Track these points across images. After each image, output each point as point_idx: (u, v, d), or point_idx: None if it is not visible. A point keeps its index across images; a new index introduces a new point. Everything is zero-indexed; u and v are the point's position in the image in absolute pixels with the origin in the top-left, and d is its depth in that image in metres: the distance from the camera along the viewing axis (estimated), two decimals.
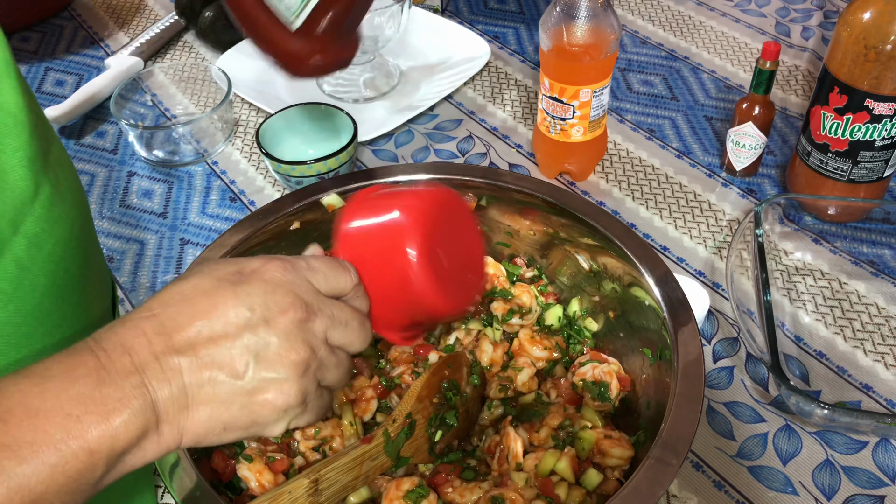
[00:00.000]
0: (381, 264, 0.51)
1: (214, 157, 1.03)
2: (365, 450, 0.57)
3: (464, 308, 0.54)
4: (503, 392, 0.65)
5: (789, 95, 1.09)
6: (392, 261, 0.50)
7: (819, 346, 0.78)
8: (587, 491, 0.58)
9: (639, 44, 1.20)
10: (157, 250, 0.91)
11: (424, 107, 1.05)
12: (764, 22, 1.23)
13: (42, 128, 0.57)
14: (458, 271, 0.54)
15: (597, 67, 0.85)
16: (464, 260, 0.55)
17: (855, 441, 0.70)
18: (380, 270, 0.51)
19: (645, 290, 0.63)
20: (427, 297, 0.50)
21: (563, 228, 0.71)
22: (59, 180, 0.58)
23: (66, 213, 0.57)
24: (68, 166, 0.61)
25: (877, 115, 0.79)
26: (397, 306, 0.52)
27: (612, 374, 0.65)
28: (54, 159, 0.58)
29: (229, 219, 0.94)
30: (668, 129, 1.04)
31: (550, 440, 0.61)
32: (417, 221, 0.50)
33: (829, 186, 0.87)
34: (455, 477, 0.59)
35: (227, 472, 0.58)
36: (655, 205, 0.93)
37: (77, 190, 0.61)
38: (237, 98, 1.10)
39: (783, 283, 0.84)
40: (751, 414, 0.72)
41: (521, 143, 1.03)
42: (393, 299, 0.52)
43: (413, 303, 0.51)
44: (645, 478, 0.50)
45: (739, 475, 0.68)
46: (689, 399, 0.55)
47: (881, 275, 0.84)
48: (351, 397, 0.63)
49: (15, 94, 0.53)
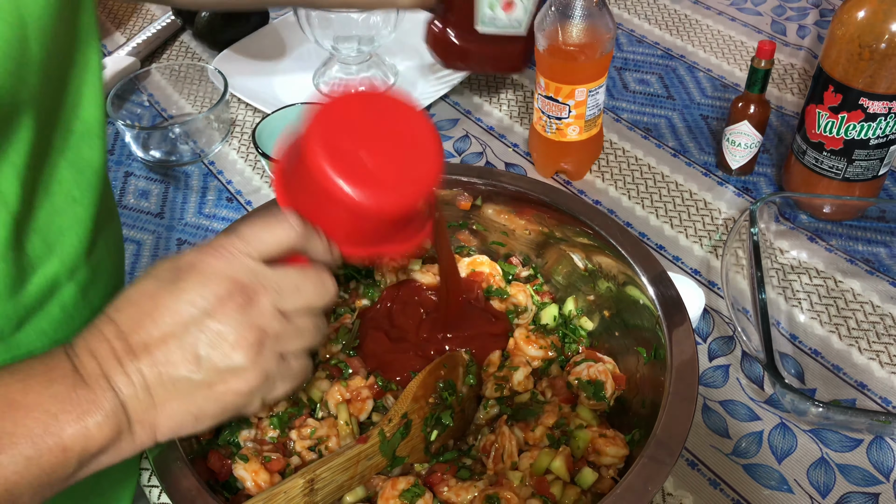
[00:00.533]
0: (311, 193, 0.49)
1: (211, 157, 1.03)
2: (361, 449, 0.57)
3: (417, 196, 0.51)
4: (499, 391, 0.65)
5: (785, 94, 1.09)
6: (315, 183, 0.47)
7: (814, 345, 0.78)
8: (582, 489, 0.58)
9: (635, 42, 1.20)
10: (154, 250, 0.91)
11: (421, 106, 1.05)
12: (760, 20, 1.23)
13: (108, 185, 0.61)
14: (397, 161, 0.50)
15: (592, 66, 0.86)
16: (404, 147, 0.51)
17: (850, 439, 0.70)
18: (314, 199, 0.49)
19: (640, 290, 0.64)
20: (356, 200, 0.47)
21: (559, 228, 0.71)
22: (110, 235, 0.63)
23: (111, 265, 0.62)
24: (118, 221, 0.66)
25: (871, 114, 0.79)
26: (351, 226, 0.51)
27: (608, 373, 0.65)
28: (112, 218, 0.63)
29: (226, 219, 0.94)
30: (663, 127, 1.04)
31: (545, 439, 0.61)
32: (316, 131, 0.48)
33: (825, 185, 0.87)
34: (450, 476, 0.59)
35: (223, 471, 0.58)
36: (651, 204, 0.94)
37: (120, 245, 0.66)
38: (233, 98, 1.10)
39: (778, 282, 0.84)
40: (746, 412, 0.73)
41: (517, 143, 1.03)
42: (341, 220, 0.50)
43: (354, 213, 0.48)
44: (639, 476, 0.51)
45: (734, 473, 0.68)
46: (684, 398, 0.55)
47: (876, 273, 0.84)
48: (346, 397, 0.63)
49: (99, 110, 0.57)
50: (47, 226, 0.54)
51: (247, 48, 1.15)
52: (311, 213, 0.50)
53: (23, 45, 0.47)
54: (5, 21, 0.46)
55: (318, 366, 0.67)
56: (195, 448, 0.58)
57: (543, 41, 0.85)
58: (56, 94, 0.54)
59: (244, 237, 0.48)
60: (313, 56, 1.15)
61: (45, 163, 0.54)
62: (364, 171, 0.48)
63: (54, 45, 0.50)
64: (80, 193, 0.57)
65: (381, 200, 0.48)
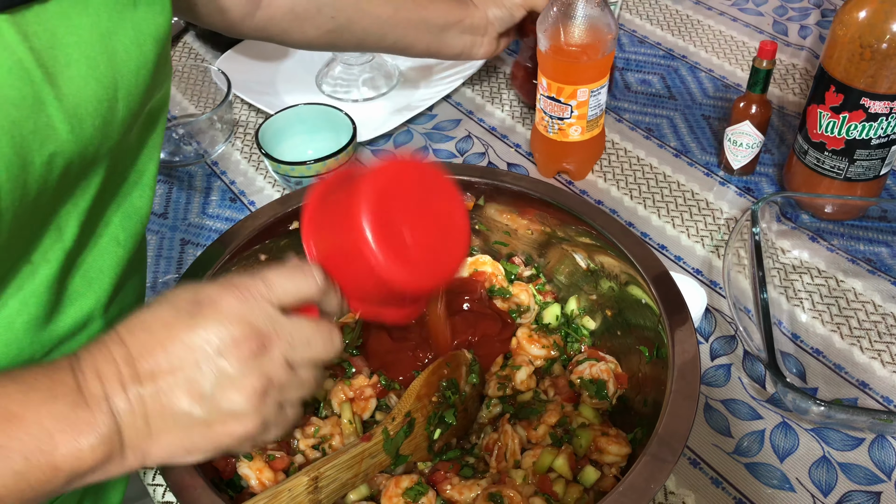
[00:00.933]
0: (343, 250, 0.50)
1: (214, 157, 1.03)
2: (364, 448, 0.57)
3: (441, 281, 0.52)
4: (501, 390, 0.66)
5: (786, 94, 1.09)
6: (352, 244, 0.48)
7: (816, 344, 0.78)
8: (584, 488, 0.59)
9: (636, 43, 1.20)
10: (158, 251, 0.92)
11: (423, 107, 1.06)
12: (761, 21, 1.23)
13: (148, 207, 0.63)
14: (432, 242, 0.52)
15: (594, 67, 0.86)
16: (439, 230, 0.53)
17: (851, 438, 0.71)
18: (344, 257, 0.50)
19: (642, 289, 0.64)
20: (390, 275, 0.48)
21: (561, 227, 0.71)
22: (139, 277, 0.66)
23: (134, 300, 0.64)
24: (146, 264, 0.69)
25: (873, 114, 0.79)
26: (371, 289, 0.51)
27: (610, 372, 0.65)
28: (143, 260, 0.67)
29: (229, 219, 0.95)
30: (665, 127, 1.05)
31: (548, 438, 0.61)
32: (369, 198, 0.48)
33: (826, 185, 0.87)
34: (454, 474, 0.59)
35: (227, 469, 0.59)
36: (653, 203, 0.94)
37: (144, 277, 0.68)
38: (237, 99, 1.10)
39: (780, 281, 0.84)
40: (748, 411, 0.73)
41: (519, 143, 1.03)
42: (364, 283, 0.51)
43: (381, 283, 0.49)
44: (641, 474, 0.51)
45: (737, 472, 0.68)
46: (686, 397, 0.55)
47: (878, 272, 0.84)
48: (350, 396, 0.64)
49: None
50: (91, 265, 0.56)
51: (250, 49, 1.16)
52: (335, 268, 0.51)
53: (112, 106, 0.49)
54: (101, 83, 0.48)
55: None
56: None
57: (545, 41, 0.86)
58: (127, 148, 0.56)
59: (268, 283, 0.48)
60: (316, 57, 1.15)
61: (102, 208, 0.56)
62: (403, 248, 0.49)
63: (137, 106, 0.52)
64: (125, 238, 0.58)
65: (413, 279, 0.50)
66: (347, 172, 0.53)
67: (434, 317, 0.64)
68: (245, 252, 0.68)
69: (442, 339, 0.65)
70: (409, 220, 0.50)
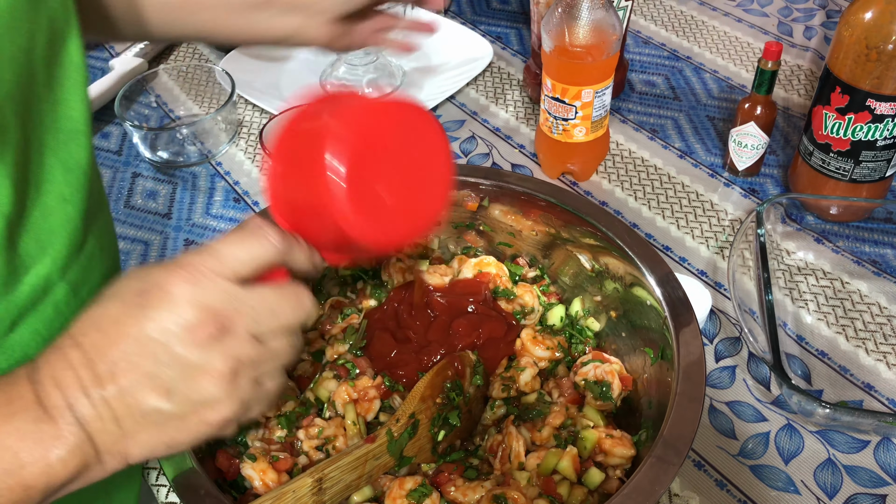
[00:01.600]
0: (311, 207, 0.46)
1: (218, 157, 1.03)
2: (368, 449, 0.57)
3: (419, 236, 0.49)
4: (505, 392, 0.65)
5: (791, 95, 1.09)
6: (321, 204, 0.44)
7: (821, 346, 0.78)
8: (589, 490, 0.58)
9: (641, 44, 1.20)
10: (162, 251, 0.92)
11: (427, 107, 1.05)
12: (766, 21, 1.23)
13: (97, 183, 0.60)
14: (410, 201, 0.48)
15: (598, 68, 0.86)
16: (418, 183, 0.48)
17: (856, 440, 0.70)
18: (312, 213, 0.46)
19: (647, 290, 0.64)
20: (366, 237, 0.45)
21: (565, 228, 0.71)
22: (102, 231, 0.61)
23: (102, 262, 0.60)
24: (109, 217, 0.64)
25: (878, 115, 0.79)
26: (344, 243, 0.47)
27: (614, 373, 0.65)
28: (102, 214, 0.61)
29: (233, 219, 0.95)
30: (670, 129, 1.04)
31: (552, 439, 0.61)
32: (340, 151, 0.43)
33: (831, 186, 0.87)
34: (458, 476, 0.59)
35: (231, 471, 0.59)
36: (658, 205, 0.94)
37: (113, 237, 0.63)
38: (241, 99, 1.10)
39: (785, 283, 0.84)
40: (753, 413, 0.73)
41: (523, 144, 1.03)
42: (337, 238, 0.47)
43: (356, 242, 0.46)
44: (646, 477, 0.51)
45: (741, 474, 0.68)
46: (691, 398, 0.55)
47: (883, 274, 0.84)
48: (354, 397, 0.63)
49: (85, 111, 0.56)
50: (39, 226, 0.53)
51: (254, 49, 1.16)
52: (303, 224, 0.47)
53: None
54: None
55: (326, 366, 0.67)
56: (203, 448, 0.59)
57: (550, 42, 0.86)
58: (41, 93, 0.52)
59: (218, 255, 0.44)
60: (320, 57, 1.15)
61: (36, 163, 0.53)
62: (377, 205, 0.45)
63: (27, 41, 0.49)
64: (71, 192, 0.55)
65: (389, 237, 0.47)
66: (319, 105, 0.48)
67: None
68: None
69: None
70: (385, 171, 0.46)
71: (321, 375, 0.66)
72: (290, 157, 0.47)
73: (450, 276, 0.74)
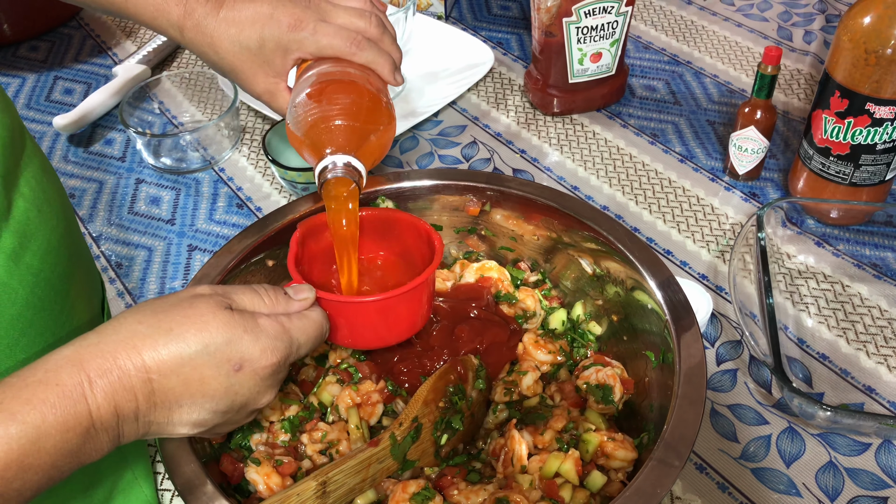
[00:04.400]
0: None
1: (221, 164, 1.04)
2: (372, 453, 0.57)
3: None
4: (508, 396, 0.66)
5: (791, 99, 1.09)
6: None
7: (822, 349, 0.78)
8: (591, 493, 0.59)
9: (641, 49, 1.20)
10: (166, 256, 0.92)
11: (429, 113, 1.06)
12: (766, 26, 1.24)
13: (18, 142, 0.56)
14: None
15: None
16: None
17: (858, 443, 0.71)
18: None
19: (648, 294, 0.64)
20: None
21: (567, 233, 0.71)
22: (36, 192, 0.57)
23: (44, 224, 0.56)
24: (47, 175, 0.60)
25: (878, 119, 0.79)
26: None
27: (616, 377, 0.65)
28: (30, 173, 0.57)
29: (236, 225, 0.95)
30: (670, 133, 1.05)
31: (555, 443, 0.61)
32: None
33: (832, 190, 0.87)
34: (460, 479, 0.59)
35: (235, 475, 0.59)
36: (658, 209, 0.94)
37: (57, 198, 0.60)
38: (243, 105, 1.11)
39: (786, 287, 0.84)
40: (754, 416, 0.73)
41: (524, 149, 1.04)
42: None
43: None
44: (648, 479, 0.51)
45: (743, 477, 0.68)
46: (692, 401, 0.55)
47: (884, 277, 0.84)
48: (357, 401, 0.64)
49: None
50: None
51: None
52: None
53: None
54: None
55: (329, 370, 0.67)
56: (208, 452, 0.59)
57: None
58: None
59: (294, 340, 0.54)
60: None
61: None
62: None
63: None
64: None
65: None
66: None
67: None
68: (252, 258, 0.68)
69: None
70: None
71: (324, 380, 0.66)
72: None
73: (452, 281, 0.74)
